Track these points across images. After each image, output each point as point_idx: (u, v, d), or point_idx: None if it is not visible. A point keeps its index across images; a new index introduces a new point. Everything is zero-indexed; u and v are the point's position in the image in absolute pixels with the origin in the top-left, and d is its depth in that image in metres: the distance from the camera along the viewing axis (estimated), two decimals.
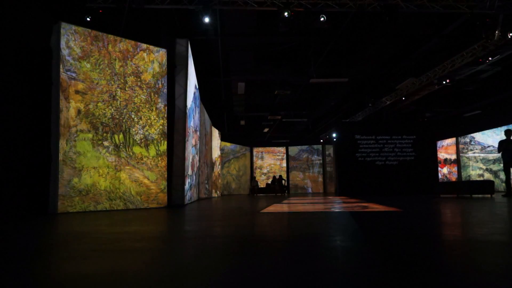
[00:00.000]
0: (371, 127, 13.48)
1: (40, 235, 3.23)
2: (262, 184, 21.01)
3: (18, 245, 2.55)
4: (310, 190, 21.77)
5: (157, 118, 7.09)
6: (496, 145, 9.35)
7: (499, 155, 9.06)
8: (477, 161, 15.70)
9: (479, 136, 15.66)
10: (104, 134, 6.33)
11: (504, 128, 12.75)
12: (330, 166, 21.55)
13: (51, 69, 5.88)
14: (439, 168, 15.55)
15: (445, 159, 17.81)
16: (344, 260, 1.84)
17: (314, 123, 20.91)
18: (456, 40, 10.13)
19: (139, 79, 6.87)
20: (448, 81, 12.00)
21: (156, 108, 7.09)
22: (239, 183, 21.38)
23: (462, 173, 16.61)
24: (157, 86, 7.12)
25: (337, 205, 6.67)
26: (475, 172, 15.82)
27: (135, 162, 6.69)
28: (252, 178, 20.68)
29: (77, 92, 6.05)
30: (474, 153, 15.93)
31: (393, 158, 12.99)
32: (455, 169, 17.16)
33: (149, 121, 6.97)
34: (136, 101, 6.81)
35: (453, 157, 17.31)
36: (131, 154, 6.66)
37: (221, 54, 10.77)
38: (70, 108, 5.94)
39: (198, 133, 10.49)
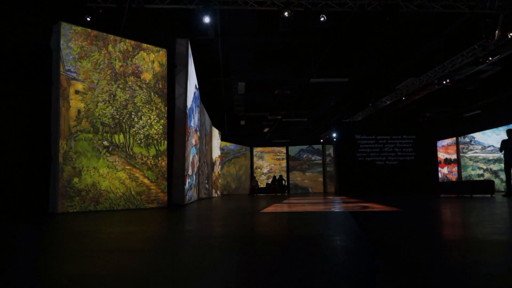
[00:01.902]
0: (371, 127, 13.49)
1: (40, 235, 3.23)
2: (262, 184, 21.01)
3: (19, 245, 2.55)
4: (310, 190, 21.77)
5: (157, 118, 7.09)
6: (497, 144, 9.35)
7: (499, 155, 9.08)
8: (477, 161, 15.70)
9: (479, 136, 15.66)
10: (104, 134, 6.33)
11: (505, 128, 12.77)
12: (330, 166, 21.55)
13: (51, 69, 5.88)
14: (439, 168, 15.56)
15: (445, 159, 17.82)
16: (344, 260, 1.84)
17: (314, 123, 20.90)
18: (456, 40, 10.12)
19: (139, 79, 6.87)
20: (448, 81, 11.99)
21: (156, 108, 7.09)
22: (239, 183, 21.38)
23: (462, 173, 16.61)
24: (157, 86, 7.12)
25: (337, 205, 6.67)
26: (475, 172, 15.82)
27: (135, 162, 6.70)
28: (252, 178, 20.68)
29: (77, 92, 6.05)
30: (474, 153, 15.93)
31: (393, 158, 12.99)
32: (455, 169, 17.16)
33: (149, 121, 6.97)
34: (136, 101, 6.81)
35: (453, 157, 17.31)
36: (131, 154, 6.66)
37: (221, 54, 10.77)
38: (70, 108, 5.95)
39: (198, 133, 10.49)
